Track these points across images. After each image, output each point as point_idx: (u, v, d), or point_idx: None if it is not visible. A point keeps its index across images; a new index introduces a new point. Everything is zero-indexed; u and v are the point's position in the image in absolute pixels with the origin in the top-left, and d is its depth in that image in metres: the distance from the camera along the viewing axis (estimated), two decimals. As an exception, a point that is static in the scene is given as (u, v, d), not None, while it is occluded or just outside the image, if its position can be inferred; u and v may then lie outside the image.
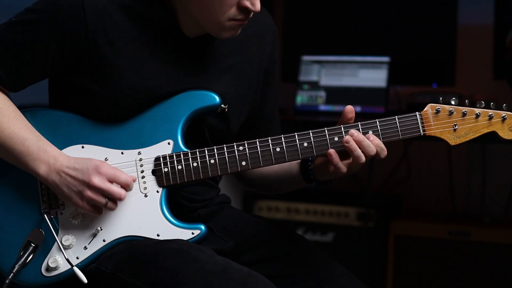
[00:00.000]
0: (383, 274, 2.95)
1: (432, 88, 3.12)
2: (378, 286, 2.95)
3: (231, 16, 1.49)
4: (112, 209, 1.53)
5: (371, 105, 2.96)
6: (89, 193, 1.49)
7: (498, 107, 1.56)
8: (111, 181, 1.50)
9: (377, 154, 1.53)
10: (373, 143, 1.52)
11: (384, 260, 2.95)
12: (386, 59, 3.00)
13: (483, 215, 3.06)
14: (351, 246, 2.97)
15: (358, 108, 2.97)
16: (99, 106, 1.57)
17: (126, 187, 1.53)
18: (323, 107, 3.02)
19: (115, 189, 1.50)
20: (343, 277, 1.63)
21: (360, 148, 1.51)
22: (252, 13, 1.50)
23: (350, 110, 1.56)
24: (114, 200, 1.52)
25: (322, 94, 3.04)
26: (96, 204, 1.51)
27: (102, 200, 1.50)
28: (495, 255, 2.80)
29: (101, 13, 1.51)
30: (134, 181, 1.54)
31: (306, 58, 3.10)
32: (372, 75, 3.00)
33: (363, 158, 1.52)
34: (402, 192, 3.32)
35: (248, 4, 1.47)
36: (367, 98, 2.97)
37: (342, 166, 1.53)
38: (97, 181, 1.48)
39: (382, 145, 1.54)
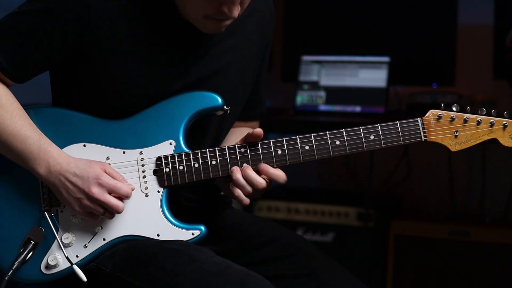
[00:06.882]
0: (383, 274, 2.95)
1: (432, 88, 3.12)
2: (378, 286, 2.94)
3: (208, 14, 1.48)
4: (109, 218, 1.53)
5: (371, 105, 2.96)
6: (87, 202, 1.49)
7: (499, 114, 1.55)
8: (111, 192, 1.50)
9: (268, 185, 1.53)
10: (264, 174, 1.52)
11: (384, 260, 2.95)
12: (386, 59, 3.00)
13: (483, 215, 3.06)
14: (351, 246, 2.97)
15: (358, 108, 2.97)
16: (102, 99, 1.56)
17: (125, 198, 1.53)
18: (323, 107, 3.02)
19: (114, 202, 1.50)
20: (344, 279, 1.63)
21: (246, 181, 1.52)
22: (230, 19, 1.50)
23: (257, 134, 1.55)
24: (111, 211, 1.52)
25: (322, 94, 3.04)
26: (92, 212, 1.51)
27: (100, 210, 1.50)
28: (495, 255, 2.80)
29: (105, 1, 1.50)
30: (133, 190, 1.54)
31: (306, 58, 3.10)
32: (372, 75, 3.00)
33: (249, 188, 1.53)
34: (402, 192, 3.32)
35: (226, 10, 1.47)
36: (367, 98, 2.97)
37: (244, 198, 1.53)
38: (97, 192, 1.48)
39: (275, 174, 1.53)
